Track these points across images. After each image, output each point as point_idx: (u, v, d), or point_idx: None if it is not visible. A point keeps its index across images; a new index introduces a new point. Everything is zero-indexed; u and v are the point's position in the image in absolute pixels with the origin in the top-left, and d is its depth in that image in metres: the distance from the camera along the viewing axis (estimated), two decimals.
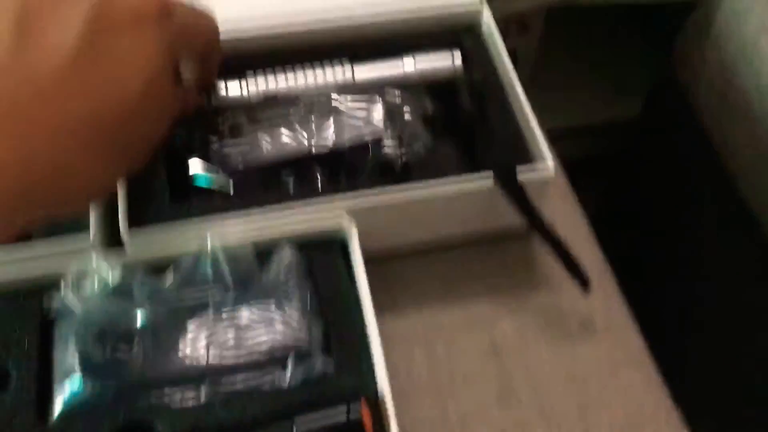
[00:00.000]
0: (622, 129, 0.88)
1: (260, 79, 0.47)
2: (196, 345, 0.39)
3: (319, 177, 0.45)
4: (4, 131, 0.29)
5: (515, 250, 0.49)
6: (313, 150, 0.45)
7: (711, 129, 0.69)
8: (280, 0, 0.50)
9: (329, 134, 0.46)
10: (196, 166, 0.44)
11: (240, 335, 0.39)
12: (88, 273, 0.39)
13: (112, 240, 0.42)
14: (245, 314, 0.40)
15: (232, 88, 0.47)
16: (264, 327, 0.40)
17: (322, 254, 0.43)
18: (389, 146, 0.45)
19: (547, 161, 0.43)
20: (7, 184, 0.30)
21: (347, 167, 0.45)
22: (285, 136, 0.45)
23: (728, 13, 0.63)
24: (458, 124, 0.48)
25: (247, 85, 0.47)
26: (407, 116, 0.46)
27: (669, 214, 0.81)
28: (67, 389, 0.37)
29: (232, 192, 0.44)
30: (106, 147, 0.33)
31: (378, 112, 0.46)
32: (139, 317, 0.39)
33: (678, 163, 0.78)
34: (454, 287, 0.47)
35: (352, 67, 0.48)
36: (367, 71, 0.48)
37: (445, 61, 0.49)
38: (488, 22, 0.51)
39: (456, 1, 0.51)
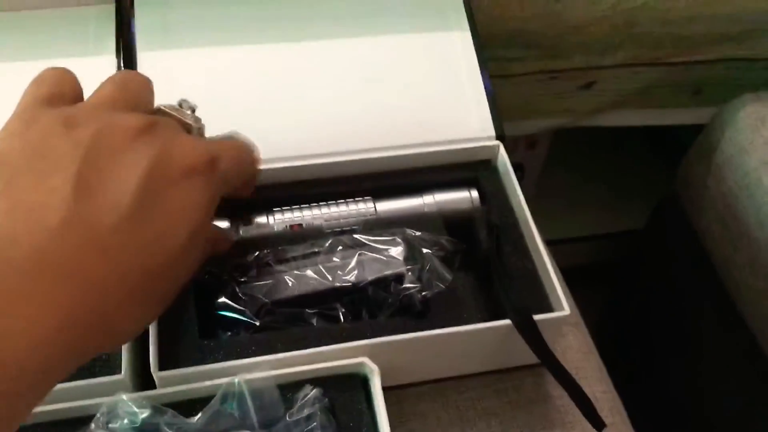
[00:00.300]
0: (625, 240, 0.89)
1: (287, 215, 0.49)
2: None
3: (341, 313, 0.47)
4: (61, 286, 0.30)
5: (529, 384, 0.50)
6: (337, 285, 0.47)
7: (712, 251, 0.70)
8: (304, 143, 0.52)
9: (352, 271, 0.47)
10: (223, 302, 0.45)
11: None
12: (118, 411, 0.40)
13: (141, 378, 0.43)
14: None
15: (260, 223, 0.48)
16: None
17: (344, 392, 0.44)
18: (410, 284, 0.47)
19: (565, 309, 0.45)
20: (55, 347, 0.30)
21: (369, 304, 0.47)
22: (310, 273, 0.47)
23: (731, 145, 0.65)
24: (476, 260, 0.50)
25: (275, 220, 0.49)
26: (427, 254, 0.48)
27: (669, 329, 0.82)
28: None
29: (258, 323, 0.46)
30: (150, 293, 0.34)
31: (399, 251, 0.48)
32: None
33: (679, 279, 0.79)
34: (470, 424, 0.48)
35: (375, 205, 0.50)
36: (388, 208, 0.51)
37: (463, 199, 0.52)
38: (503, 159, 0.53)
39: (475, 143, 0.54)
